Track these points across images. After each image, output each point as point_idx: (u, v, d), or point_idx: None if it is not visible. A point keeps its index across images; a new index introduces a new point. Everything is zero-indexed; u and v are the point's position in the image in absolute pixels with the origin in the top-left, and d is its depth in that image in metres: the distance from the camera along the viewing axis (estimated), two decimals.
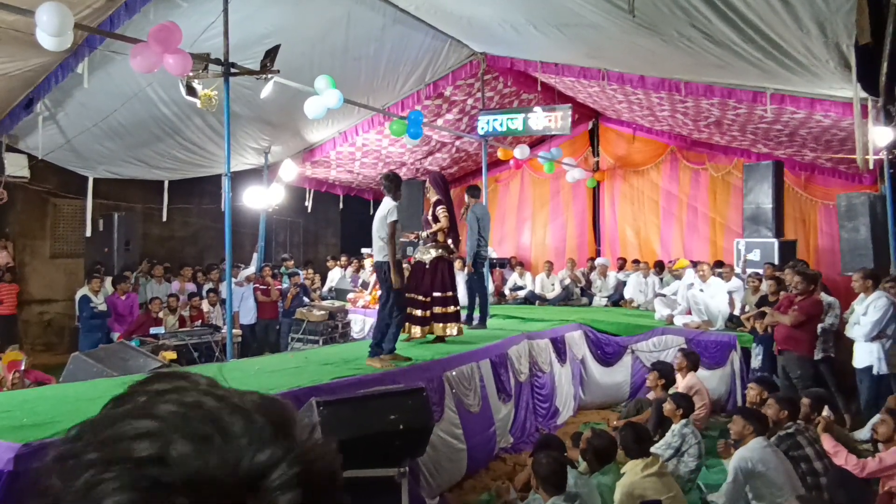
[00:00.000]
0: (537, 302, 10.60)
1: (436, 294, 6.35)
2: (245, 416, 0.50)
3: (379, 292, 10.01)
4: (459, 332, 6.56)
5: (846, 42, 5.29)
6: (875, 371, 6.14)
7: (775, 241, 9.00)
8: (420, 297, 6.29)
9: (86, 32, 5.83)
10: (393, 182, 5.65)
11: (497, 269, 11.62)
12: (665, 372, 6.19)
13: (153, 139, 8.81)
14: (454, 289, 6.54)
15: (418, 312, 6.28)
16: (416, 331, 6.31)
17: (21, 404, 3.85)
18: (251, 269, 10.52)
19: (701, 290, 8.17)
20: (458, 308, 6.61)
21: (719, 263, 9.24)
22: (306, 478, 0.49)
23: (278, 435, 0.50)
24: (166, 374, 0.56)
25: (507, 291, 11.09)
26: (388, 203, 5.50)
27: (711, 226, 11.46)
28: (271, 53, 6.23)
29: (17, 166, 8.42)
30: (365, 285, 10.92)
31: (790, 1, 4.87)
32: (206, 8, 6.33)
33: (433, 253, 6.40)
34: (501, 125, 9.50)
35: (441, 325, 6.41)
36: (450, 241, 6.51)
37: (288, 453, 0.49)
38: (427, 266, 6.37)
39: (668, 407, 5.38)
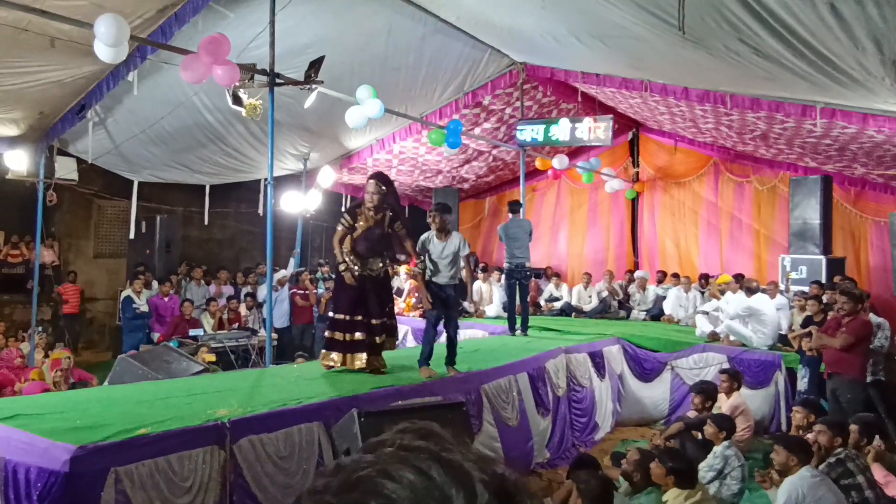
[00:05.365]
0: (574, 314, 10.48)
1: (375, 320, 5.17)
2: (470, 491, 0.57)
3: (414, 299, 10.21)
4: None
5: None
6: None
7: (823, 259, 8.74)
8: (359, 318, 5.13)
9: (136, 42, 5.97)
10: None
11: (532, 279, 11.53)
12: (710, 394, 6.02)
13: (197, 145, 8.98)
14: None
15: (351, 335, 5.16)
16: (335, 358, 5.16)
17: (73, 406, 3.93)
18: (284, 272, 10.59)
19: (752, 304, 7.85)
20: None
21: (738, 277, 8.86)
22: None
23: None
24: (414, 428, 0.64)
25: (542, 302, 10.97)
26: None
27: (756, 239, 11.16)
28: (316, 64, 6.30)
29: (66, 169, 8.68)
30: (399, 292, 10.94)
31: (844, 17, 4.72)
32: (252, 19, 6.44)
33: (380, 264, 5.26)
34: (540, 135, 9.43)
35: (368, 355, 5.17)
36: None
37: None
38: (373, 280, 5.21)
39: (709, 430, 5.26)
